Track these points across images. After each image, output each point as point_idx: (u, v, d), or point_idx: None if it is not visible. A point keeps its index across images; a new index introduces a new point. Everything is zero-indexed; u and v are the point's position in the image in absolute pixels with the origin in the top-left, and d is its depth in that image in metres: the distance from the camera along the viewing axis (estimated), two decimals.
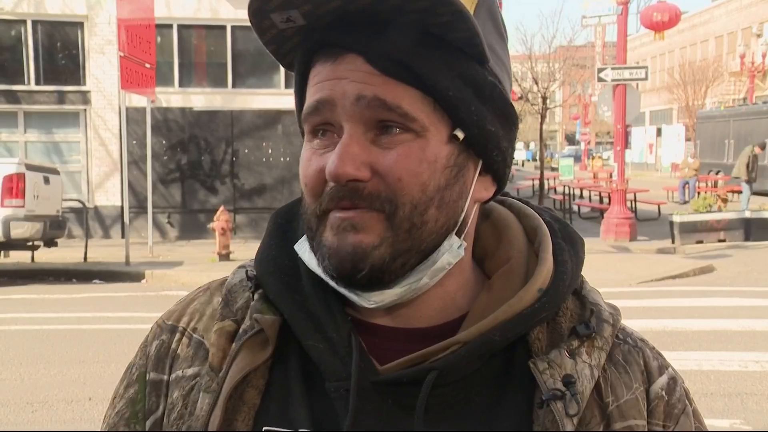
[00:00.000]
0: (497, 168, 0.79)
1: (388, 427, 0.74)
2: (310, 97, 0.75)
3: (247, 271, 0.86)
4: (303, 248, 0.80)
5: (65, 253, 12.89)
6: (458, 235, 0.77)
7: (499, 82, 0.77)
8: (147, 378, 0.85)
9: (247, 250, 13.22)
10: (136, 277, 11.50)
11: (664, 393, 0.81)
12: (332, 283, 0.76)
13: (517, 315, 0.77)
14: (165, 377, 0.84)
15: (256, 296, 0.82)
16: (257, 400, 0.78)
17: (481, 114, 0.75)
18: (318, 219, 0.76)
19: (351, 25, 0.72)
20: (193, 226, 15.35)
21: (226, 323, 0.82)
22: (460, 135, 0.74)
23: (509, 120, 0.78)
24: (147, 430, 0.83)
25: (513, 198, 0.90)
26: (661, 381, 0.82)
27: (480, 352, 0.75)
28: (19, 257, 12.62)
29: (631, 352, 0.82)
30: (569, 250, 0.83)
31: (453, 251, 0.76)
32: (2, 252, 12.17)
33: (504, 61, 0.79)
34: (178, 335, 0.85)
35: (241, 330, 0.81)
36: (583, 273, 0.86)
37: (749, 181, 19.67)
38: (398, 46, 0.71)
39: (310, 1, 0.70)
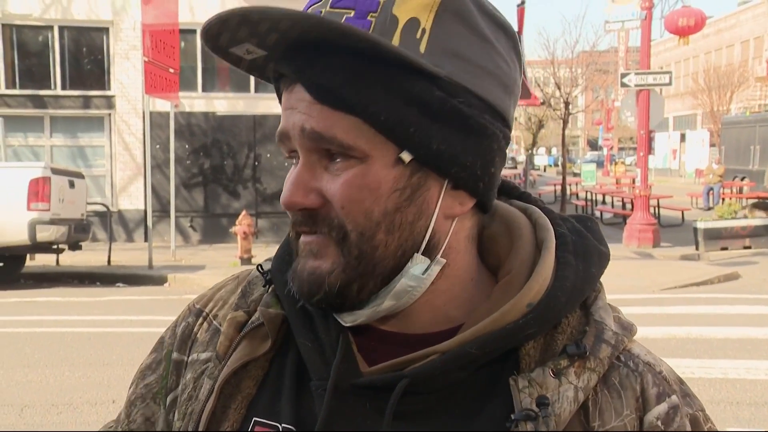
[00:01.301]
0: (465, 183, 0.75)
1: (361, 429, 0.75)
2: (279, 127, 0.78)
3: (261, 265, 0.89)
4: None
5: (89, 257, 13.03)
6: (430, 254, 0.76)
7: (457, 94, 0.72)
8: (171, 357, 0.90)
9: (268, 254, 13.21)
10: (158, 280, 11.59)
11: (659, 423, 0.76)
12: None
13: (499, 329, 0.75)
14: (185, 358, 0.89)
15: (269, 290, 0.86)
16: (253, 390, 0.81)
17: (424, 134, 0.72)
18: (295, 241, 0.79)
19: (294, 55, 0.73)
20: (215, 230, 15.44)
21: (238, 314, 0.86)
22: (406, 157, 0.73)
23: (472, 132, 0.74)
24: (167, 405, 0.89)
25: (538, 205, 0.87)
26: (658, 410, 0.77)
27: (456, 363, 0.74)
28: (44, 260, 12.78)
29: (629, 376, 0.77)
30: (577, 266, 0.79)
31: (411, 276, 0.75)
32: (28, 255, 12.31)
33: (481, 64, 0.74)
34: (201, 320, 0.90)
35: (249, 322, 0.85)
36: (604, 281, 0.83)
37: None
38: (326, 73, 0.71)
39: (253, 35, 0.72)
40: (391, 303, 0.76)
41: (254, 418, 0.80)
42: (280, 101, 0.79)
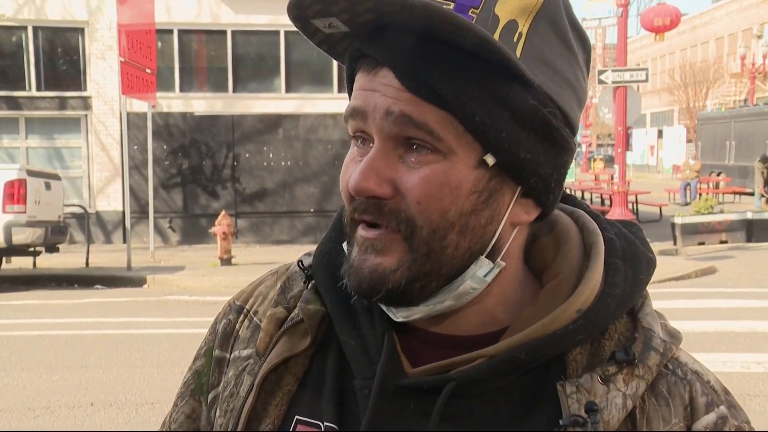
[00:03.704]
0: (537, 194, 0.75)
1: (406, 430, 0.74)
2: (350, 102, 0.75)
3: (302, 260, 0.87)
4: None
5: (67, 259, 12.90)
6: (492, 257, 0.75)
7: (546, 104, 0.72)
8: (213, 354, 0.89)
9: (248, 255, 13.21)
10: (137, 282, 11.50)
11: None
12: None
13: (549, 335, 0.74)
14: (227, 355, 0.87)
15: (309, 286, 0.85)
16: (293, 387, 0.80)
17: (514, 140, 0.71)
18: (350, 228, 0.76)
19: (385, 38, 0.71)
20: (194, 230, 15.35)
21: (278, 310, 0.85)
22: (490, 161, 0.71)
23: (555, 144, 0.73)
24: (208, 403, 0.88)
25: (584, 208, 0.87)
26: (707, 419, 0.76)
27: (504, 368, 0.74)
28: (20, 263, 12.63)
29: (677, 384, 0.77)
30: (626, 272, 0.79)
31: (476, 278, 0.74)
32: (4, 258, 12.16)
33: (566, 75, 0.74)
34: (242, 316, 0.89)
35: (289, 318, 0.83)
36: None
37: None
38: (425, 65, 0.69)
39: (346, 11, 0.70)
40: (450, 303, 0.75)
41: (296, 416, 0.79)
42: (349, 78, 0.77)
